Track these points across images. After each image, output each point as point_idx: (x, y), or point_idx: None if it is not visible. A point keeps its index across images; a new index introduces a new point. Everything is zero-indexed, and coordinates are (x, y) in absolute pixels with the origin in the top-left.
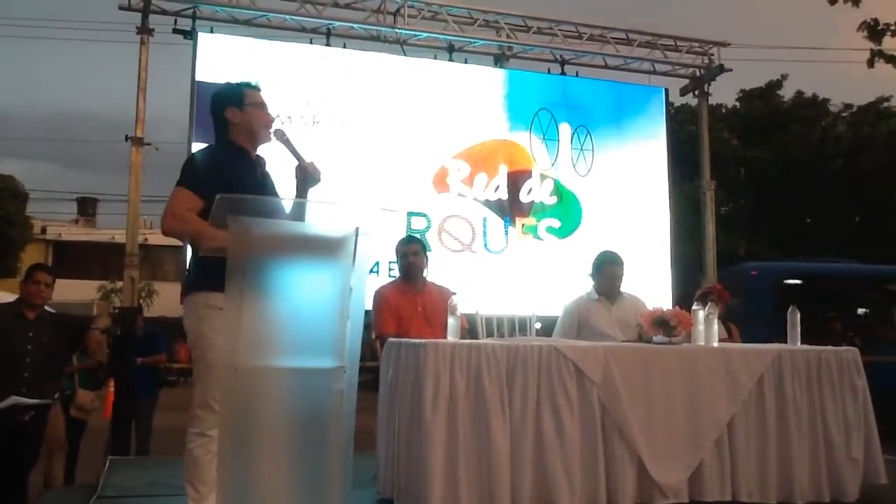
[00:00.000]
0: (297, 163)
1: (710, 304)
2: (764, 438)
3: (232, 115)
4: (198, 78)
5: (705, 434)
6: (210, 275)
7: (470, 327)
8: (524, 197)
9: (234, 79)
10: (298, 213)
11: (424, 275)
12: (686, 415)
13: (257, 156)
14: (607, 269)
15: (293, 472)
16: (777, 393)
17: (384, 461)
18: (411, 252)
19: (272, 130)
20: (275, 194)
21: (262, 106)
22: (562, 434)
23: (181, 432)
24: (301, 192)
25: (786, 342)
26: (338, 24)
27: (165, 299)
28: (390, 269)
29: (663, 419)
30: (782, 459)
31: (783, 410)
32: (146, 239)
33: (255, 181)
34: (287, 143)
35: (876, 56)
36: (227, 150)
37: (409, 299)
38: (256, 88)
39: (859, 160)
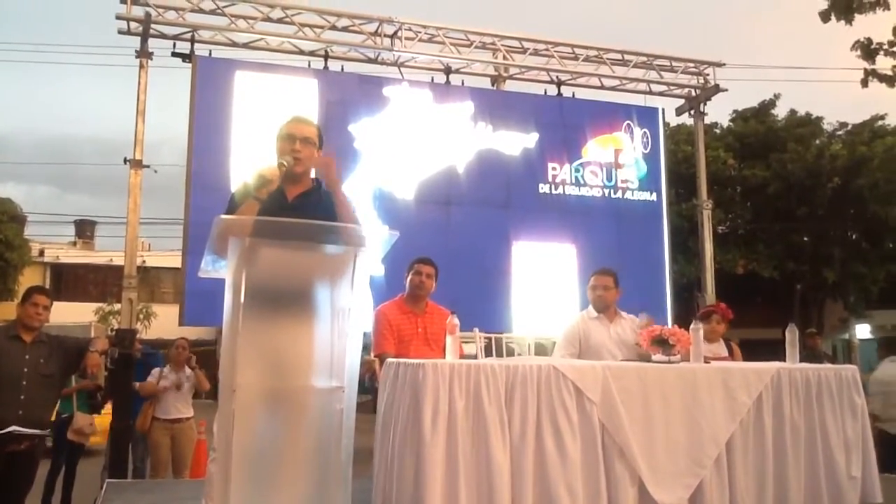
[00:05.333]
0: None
1: (714, 321)
2: (762, 457)
3: (274, 146)
4: (197, 100)
5: (705, 453)
6: None
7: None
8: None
9: (238, 102)
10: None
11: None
12: (686, 434)
13: (311, 180)
14: (592, 280)
15: (293, 492)
16: (775, 411)
17: (379, 481)
18: (426, 273)
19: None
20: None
21: (286, 138)
22: (563, 454)
23: None
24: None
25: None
26: (335, 46)
27: (163, 321)
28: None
29: (663, 438)
30: (778, 478)
31: (780, 429)
32: (144, 261)
33: (279, 206)
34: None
35: (870, 76)
36: None
37: (410, 319)
38: (294, 121)
39: (856, 178)
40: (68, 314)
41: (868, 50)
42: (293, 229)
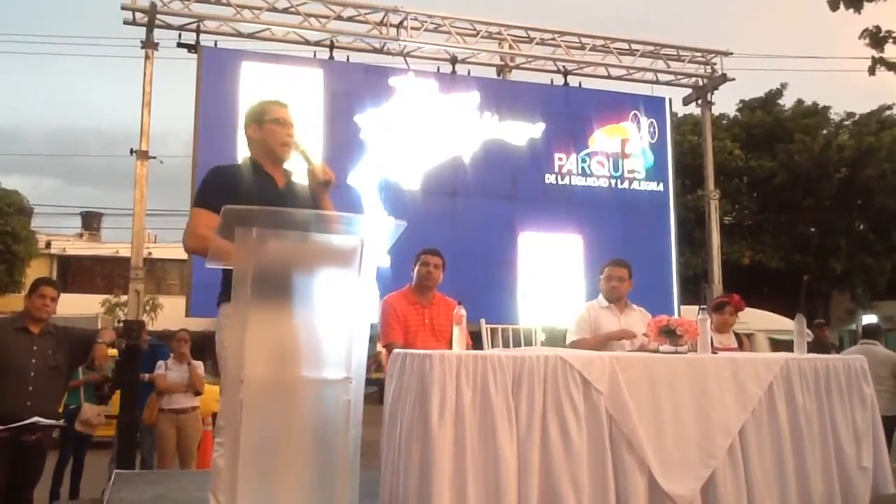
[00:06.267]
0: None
1: (728, 312)
2: (779, 448)
3: (252, 131)
4: (202, 91)
5: (716, 443)
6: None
7: (475, 339)
8: None
9: (243, 93)
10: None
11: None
12: (695, 424)
13: (285, 169)
14: (607, 270)
15: (300, 483)
16: (788, 401)
17: (387, 472)
18: (433, 263)
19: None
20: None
21: (279, 122)
22: (569, 444)
23: None
24: (316, 195)
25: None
26: (341, 36)
27: (170, 312)
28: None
29: (672, 429)
30: (798, 469)
31: (795, 419)
32: (150, 253)
33: (274, 194)
34: (300, 151)
35: (878, 64)
36: (243, 166)
37: (417, 310)
38: (279, 105)
39: (863, 169)
40: (75, 306)
41: (877, 38)
42: (302, 219)
